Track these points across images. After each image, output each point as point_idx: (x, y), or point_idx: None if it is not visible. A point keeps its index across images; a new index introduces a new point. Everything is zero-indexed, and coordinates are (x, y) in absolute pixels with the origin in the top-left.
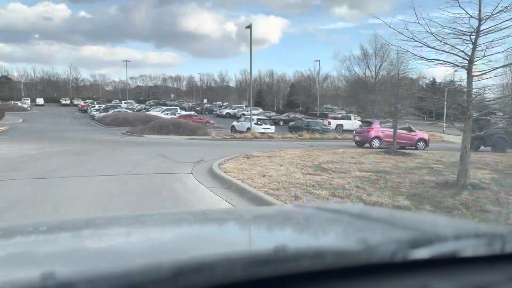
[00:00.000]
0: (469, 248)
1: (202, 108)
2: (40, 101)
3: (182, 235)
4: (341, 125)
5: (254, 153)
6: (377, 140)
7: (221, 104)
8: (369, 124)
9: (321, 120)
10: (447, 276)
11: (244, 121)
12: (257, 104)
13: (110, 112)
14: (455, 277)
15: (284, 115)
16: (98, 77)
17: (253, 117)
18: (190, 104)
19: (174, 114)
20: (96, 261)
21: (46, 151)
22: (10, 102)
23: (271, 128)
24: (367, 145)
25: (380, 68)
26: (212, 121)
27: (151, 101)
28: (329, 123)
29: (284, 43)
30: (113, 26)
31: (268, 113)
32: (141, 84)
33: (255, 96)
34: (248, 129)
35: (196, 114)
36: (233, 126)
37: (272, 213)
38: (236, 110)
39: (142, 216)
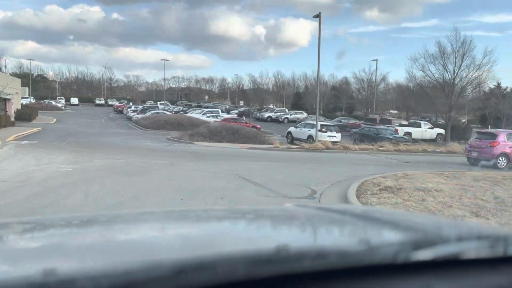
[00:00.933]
0: (471, 250)
1: (250, 111)
2: (74, 100)
3: (184, 233)
4: (410, 133)
5: (380, 179)
6: (503, 158)
7: (259, 107)
8: (492, 136)
9: (387, 127)
10: (449, 278)
11: (304, 127)
12: (295, 107)
13: (148, 113)
14: (457, 279)
15: (335, 120)
16: (132, 78)
17: (311, 122)
18: (227, 106)
19: (216, 117)
20: (97, 258)
21: (84, 167)
22: (45, 101)
23: (337, 136)
24: (483, 163)
25: (459, 68)
26: (259, 126)
27: (179, 102)
28: (396, 131)
29: (314, 46)
30: (145, 29)
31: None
32: (174, 86)
33: (292, 98)
34: (310, 137)
35: (238, 117)
36: (289, 133)
37: (275, 213)
38: (278, 113)
39: (144, 214)
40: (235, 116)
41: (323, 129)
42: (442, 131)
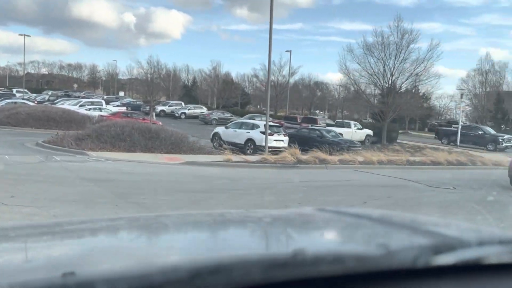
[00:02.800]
0: (493, 255)
1: (151, 104)
2: None
3: (200, 236)
4: (341, 134)
5: None
6: None
7: (144, 98)
8: None
9: (330, 129)
10: (470, 283)
11: (240, 128)
12: (185, 100)
13: (2, 103)
14: (478, 284)
15: (246, 117)
16: None
17: (258, 122)
18: (105, 97)
19: (100, 110)
20: (115, 261)
21: None
22: None
23: (285, 140)
24: None
25: (400, 62)
26: (160, 122)
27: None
28: None
29: (186, 39)
30: None
31: (222, 114)
32: (32, 71)
33: (180, 91)
34: (250, 141)
35: (132, 111)
36: (216, 135)
37: (291, 216)
38: (174, 107)
39: (161, 217)
40: (123, 109)
41: (269, 132)
42: (370, 132)
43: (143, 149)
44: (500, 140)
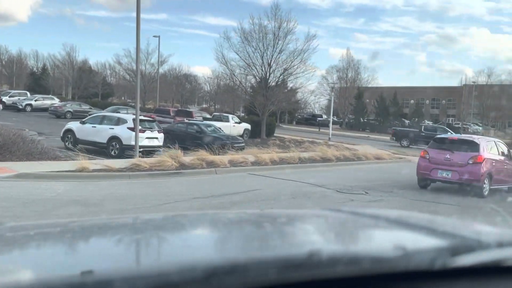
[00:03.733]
0: None
1: None
2: None
3: (216, 236)
4: (220, 129)
5: None
6: (487, 181)
7: None
8: (472, 146)
9: (210, 124)
10: (489, 285)
11: (101, 124)
12: (33, 90)
13: None
14: (497, 287)
15: (109, 109)
16: None
17: (125, 116)
18: None
19: None
20: (133, 260)
21: None
22: None
23: (159, 138)
24: (476, 190)
25: (278, 53)
26: None
27: None
28: None
29: (35, 23)
30: None
31: (78, 106)
32: None
33: (27, 79)
34: (114, 139)
35: None
36: (70, 133)
37: (307, 217)
38: (16, 98)
39: (178, 217)
40: None
41: (139, 127)
42: (248, 126)
43: None
44: None
